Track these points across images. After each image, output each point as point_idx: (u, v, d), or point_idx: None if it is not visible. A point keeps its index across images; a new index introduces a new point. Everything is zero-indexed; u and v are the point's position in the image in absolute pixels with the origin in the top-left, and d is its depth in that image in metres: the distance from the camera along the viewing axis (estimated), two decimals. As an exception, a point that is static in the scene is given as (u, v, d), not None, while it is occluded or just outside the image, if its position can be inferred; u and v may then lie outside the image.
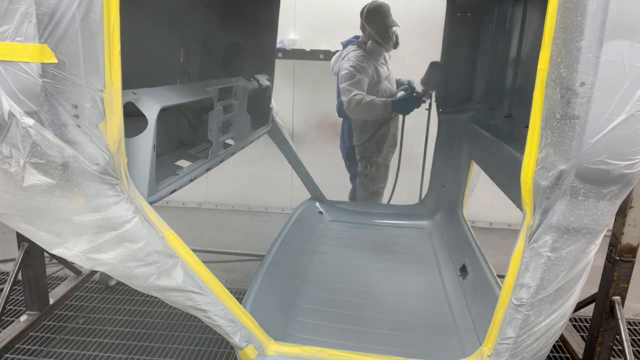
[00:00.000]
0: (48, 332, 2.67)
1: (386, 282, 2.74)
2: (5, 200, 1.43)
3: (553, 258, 1.48)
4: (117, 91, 1.37)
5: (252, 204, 5.00)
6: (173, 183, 1.94)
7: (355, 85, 3.43)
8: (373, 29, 3.54)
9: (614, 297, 2.00)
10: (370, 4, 3.61)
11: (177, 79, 2.77)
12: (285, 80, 4.51)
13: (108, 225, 1.44)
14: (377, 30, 3.53)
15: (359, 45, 3.62)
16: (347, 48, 3.66)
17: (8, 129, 1.30)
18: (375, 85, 3.58)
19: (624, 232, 1.93)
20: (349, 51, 3.61)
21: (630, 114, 1.28)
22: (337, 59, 3.75)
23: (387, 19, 3.54)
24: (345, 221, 3.55)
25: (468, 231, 3.09)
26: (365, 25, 3.58)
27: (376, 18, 3.53)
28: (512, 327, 1.59)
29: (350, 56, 3.55)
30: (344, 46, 3.73)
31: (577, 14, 1.27)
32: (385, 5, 3.57)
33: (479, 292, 2.46)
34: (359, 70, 3.46)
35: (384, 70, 3.66)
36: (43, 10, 1.22)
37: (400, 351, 2.02)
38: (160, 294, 1.59)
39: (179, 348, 2.57)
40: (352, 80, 3.43)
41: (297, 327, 2.25)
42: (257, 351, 1.78)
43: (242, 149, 2.74)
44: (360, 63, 3.48)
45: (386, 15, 3.54)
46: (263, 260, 2.62)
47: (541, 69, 1.39)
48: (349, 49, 3.64)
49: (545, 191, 1.44)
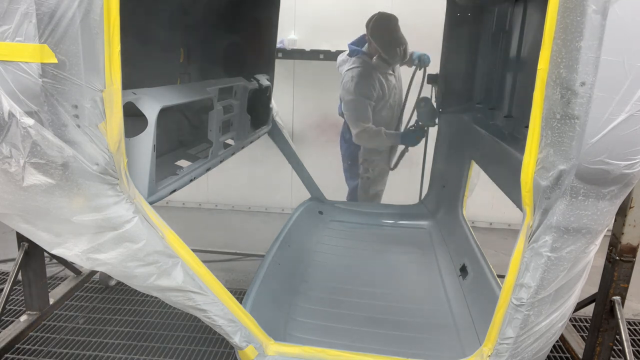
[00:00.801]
0: (48, 332, 2.67)
1: (386, 282, 2.74)
2: (5, 200, 1.43)
3: (553, 258, 1.48)
4: (117, 91, 1.37)
5: (252, 204, 5.00)
6: (173, 183, 1.95)
7: (361, 116, 3.34)
8: (379, 44, 3.30)
9: (614, 297, 2.00)
10: (377, 15, 3.35)
11: (177, 79, 2.77)
12: (285, 80, 4.51)
13: (108, 225, 1.44)
14: (384, 46, 3.30)
15: (364, 61, 3.40)
16: (353, 61, 3.45)
17: (8, 129, 1.31)
18: (381, 99, 3.47)
19: (624, 232, 1.92)
20: (354, 65, 3.40)
21: (630, 114, 1.28)
22: (342, 62, 3.60)
23: (395, 34, 3.31)
24: (345, 221, 3.55)
25: (468, 231, 3.09)
26: (371, 39, 3.34)
27: (383, 33, 3.30)
28: (512, 327, 1.59)
29: (354, 74, 3.36)
30: (350, 53, 3.52)
31: (577, 14, 1.27)
32: (394, 18, 3.32)
33: (479, 292, 2.46)
34: (365, 94, 3.33)
35: (390, 82, 3.52)
36: (43, 10, 1.22)
37: (400, 351, 2.02)
38: (160, 294, 1.59)
39: (179, 348, 2.57)
40: (357, 111, 3.33)
41: (297, 327, 2.25)
42: (257, 351, 1.78)
43: (242, 149, 2.74)
44: (364, 87, 3.32)
45: (394, 30, 3.31)
46: (263, 260, 2.62)
47: (541, 69, 1.39)
48: (354, 62, 3.43)
49: (545, 191, 1.44)
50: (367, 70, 3.39)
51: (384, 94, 3.48)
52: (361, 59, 3.42)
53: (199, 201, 5.04)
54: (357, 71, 3.39)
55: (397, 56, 3.35)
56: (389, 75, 3.51)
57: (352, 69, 3.41)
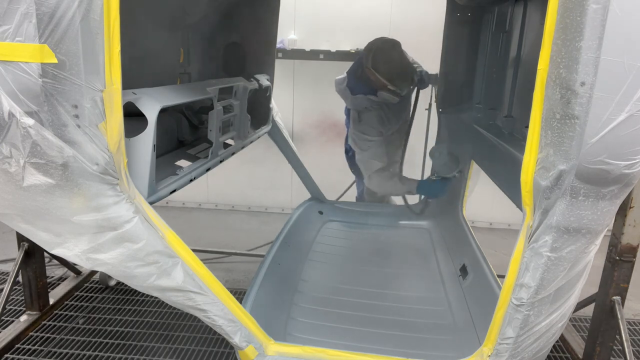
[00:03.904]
0: (48, 332, 2.66)
1: (386, 282, 2.74)
2: (5, 200, 1.43)
3: (553, 258, 1.48)
4: (117, 91, 1.37)
5: (252, 204, 5.00)
6: (173, 183, 1.94)
7: (375, 155, 3.05)
8: (386, 77, 2.82)
9: (614, 297, 2.00)
10: (376, 45, 2.88)
11: (177, 79, 2.77)
12: (285, 80, 4.51)
13: (108, 225, 1.44)
14: (391, 78, 2.84)
15: (368, 99, 3.00)
16: (356, 101, 3.08)
17: (8, 129, 1.30)
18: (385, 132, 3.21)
19: (624, 232, 1.92)
20: (359, 107, 3.07)
21: (630, 114, 1.28)
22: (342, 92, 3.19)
23: (403, 62, 2.90)
24: (345, 221, 3.55)
25: (468, 231, 3.09)
26: (375, 73, 2.85)
27: (389, 63, 2.85)
28: (512, 327, 1.59)
29: (361, 116, 3.02)
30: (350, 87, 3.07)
31: (577, 14, 1.27)
32: (397, 44, 2.92)
33: (479, 292, 2.46)
34: (374, 134, 3.06)
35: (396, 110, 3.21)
36: (43, 10, 1.22)
37: (400, 351, 2.02)
38: (160, 294, 1.59)
39: (179, 348, 2.57)
40: (369, 152, 3.03)
41: (297, 327, 2.25)
42: (257, 351, 1.78)
43: (242, 149, 2.74)
44: (373, 127, 3.01)
45: (400, 57, 2.90)
46: (263, 260, 2.62)
47: (541, 69, 1.39)
48: (357, 102, 3.06)
49: (545, 191, 1.44)
50: (374, 109, 3.08)
51: (388, 120, 3.20)
52: (365, 98, 3.06)
53: (199, 201, 5.04)
54: (364, 112, 3.10)
55: (406, 84, 2.95)
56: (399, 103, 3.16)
57: (358, 111, 3.12)
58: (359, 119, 3.14)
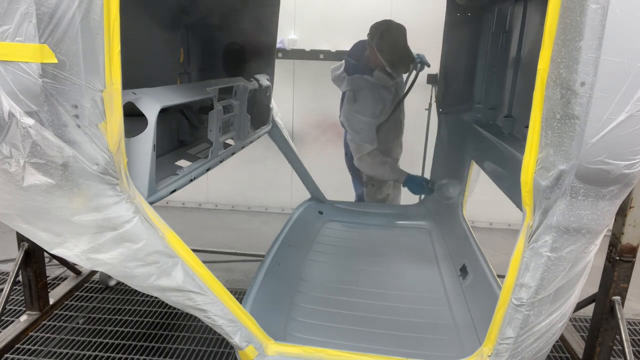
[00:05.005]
0: (48, 332, 2.67)
1: (386, 282, 2.74)
2: (5, 200, 1.43)
3: (553, 258, 1.48)
4: (117, 91, 1.37)
5: (252, 204, 5.00)
6: (173, 183, 1.94)
7: (366, 137, 3.17)
8: (387, 58, 3.05)
9: (614, 297, 2.00)
10: (384, 26, 3.08)
11: (177, 79, 2.77)
12: (285, 80, 4.51)
13: (108, 225, 1.44)
14: (392, 59, 3.07)
15: (364, 78, 3.17)
16: (351, 81, 3.22)
17: (8, 129, 1.30)
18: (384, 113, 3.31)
19: (624, 232, 1.93)
20: (354, 87, 3.19)
21: (630, 114, 1.28)
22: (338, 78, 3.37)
23: (405, 46, 3.11)
24: (345, 221, 3.54)
25: (468, 231, 3.09)
26: (377, 52, 3.07)
27: (393, 46, 3.05)
28: (512, 327, 1.59)
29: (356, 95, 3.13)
30: (347, 69, 3.27)
31: (577, 14, 1.27)
32: (402, 28, 3.10)
33: (479, 292, 2.46)
34: (368, 115, 3.17)
35: (391, 92, 3.34)
36: (43, 10, 1.22)
37: (400, 351, 2.02)
38: (160, 294, 1.59)
39: (179, 348, 2.57)
40: (361, 133, 3.15)
41: (297, 327, 2.25)
42: (257, 351, 1.78)
43: (242, 149, 2.74)
44: (367, 107, 3.13)
45: (404, 41, 3.10)
46: (263, 260, 2.62)
47: (541, 69, 1.39)
48: (353, 82, 3.20)
49: (545, 191, 1.43)
50: (369, 89, 3.21)
51: (382, 109, 3.32)
52: (361, 78, 3.22)
53: (199, 201, 5.04)
54: (359, 92, 3.22)
55: (403, 69, 3.21)
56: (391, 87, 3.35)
57: (353, 90, 3.23)
58: (354, 98, 3.24)
